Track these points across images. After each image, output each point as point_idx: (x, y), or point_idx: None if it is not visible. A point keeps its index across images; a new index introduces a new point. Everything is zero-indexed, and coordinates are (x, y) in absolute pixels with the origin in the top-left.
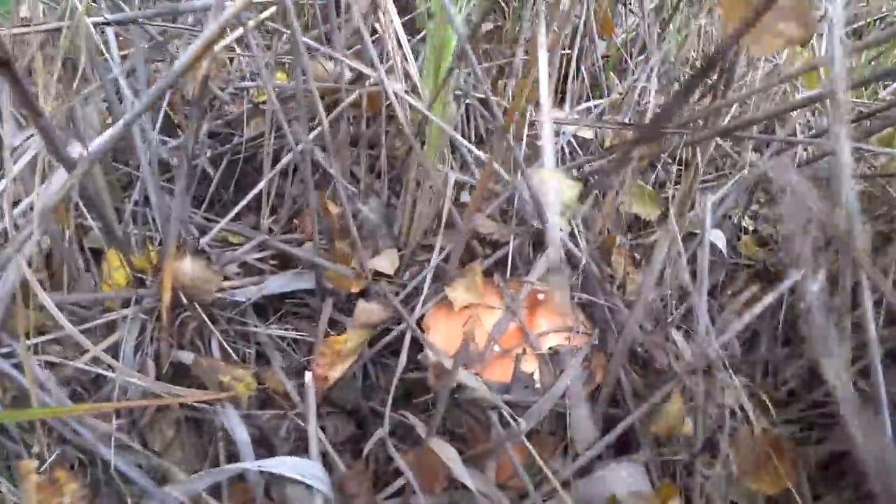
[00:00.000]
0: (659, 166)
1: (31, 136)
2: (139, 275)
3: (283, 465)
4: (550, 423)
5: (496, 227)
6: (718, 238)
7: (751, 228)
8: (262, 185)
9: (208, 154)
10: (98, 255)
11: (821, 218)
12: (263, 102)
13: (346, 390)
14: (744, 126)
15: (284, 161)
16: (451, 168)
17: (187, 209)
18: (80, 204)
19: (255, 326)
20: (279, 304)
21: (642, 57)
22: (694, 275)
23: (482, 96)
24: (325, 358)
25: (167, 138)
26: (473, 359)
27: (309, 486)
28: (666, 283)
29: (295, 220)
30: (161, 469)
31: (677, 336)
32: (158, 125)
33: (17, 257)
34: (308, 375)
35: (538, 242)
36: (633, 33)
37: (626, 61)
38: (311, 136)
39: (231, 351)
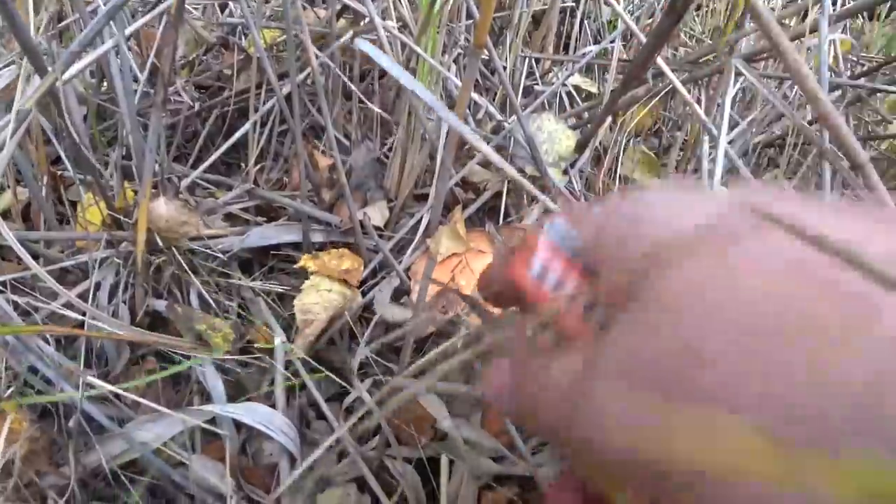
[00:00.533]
0: (665, 130)
1: (6, 66)
2: (115, 215)
3: (247, 411)
4: None
5: (487, 174)
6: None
7: None
8: (247, 126)
9: (196, 108)
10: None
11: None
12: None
13: (332, 346)
14: (757, 54)
15: (270, 104)
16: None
17: (163, 142)
18: (63, 157)
19: (239, 279)
20: (265, 258)
21: (651, 20)
22: None
23: (485, 56)
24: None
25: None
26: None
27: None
28: None
29: (284, 179)
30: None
31: None
32: (145, 76)
33: None
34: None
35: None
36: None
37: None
38: (300, 77)
39: (213, 303)
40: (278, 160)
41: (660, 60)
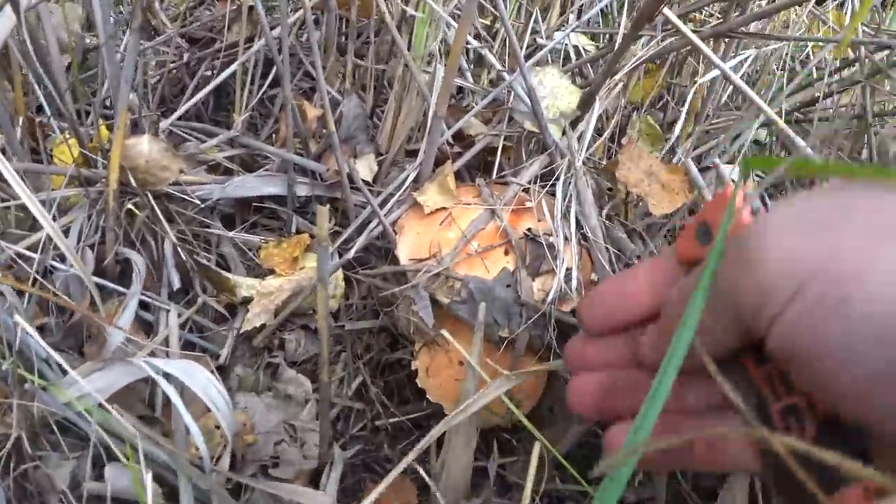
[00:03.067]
0: (672, 103)
1: None
2: (88, 154)
3: (185, 372)
4: (529, 329)
5: (483, 127)
6: (737, 175)
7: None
8: (233, 67)
9: (185, 59)
10: None
11: None
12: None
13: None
14: (751, 20)
15: (258, 44)
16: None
17: (141, 77)
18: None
19: (218, 230)
20: (247, 213)
21: None
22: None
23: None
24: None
25: (145, 42)
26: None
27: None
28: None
29: (273, 137)
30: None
31: None
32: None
33: None
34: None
35: (533, 146)
36: None
37: None
38: (292, 19)
39: (184, 254)
40: (267, 120)
41: (669, 13)
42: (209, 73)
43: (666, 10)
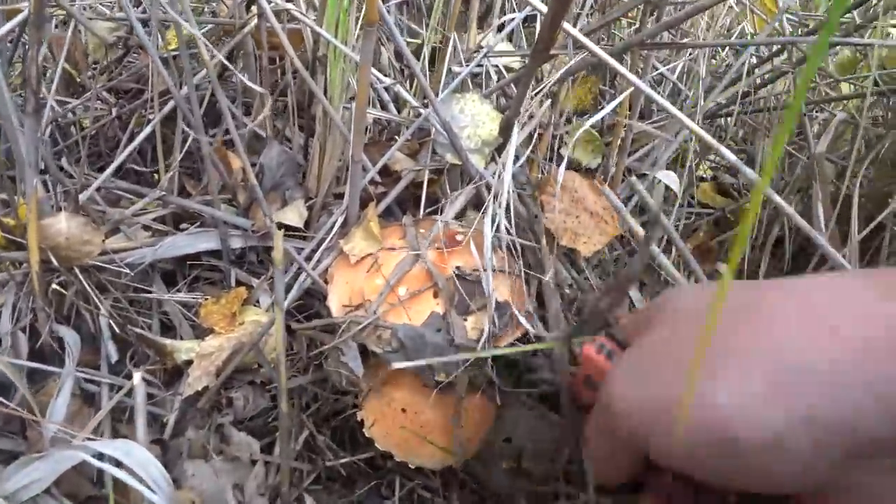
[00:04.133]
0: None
1: None
2: (9, 236)
3: (124, 452)
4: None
5: (410, 162)
6: (671, 179)
7: (710, 176)
8: (147, 131)
9: (114, 113)
10: None
11: None
12: (175, 51)
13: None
14: (661, 30)
15: (168, 107)
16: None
17: (42, 151)
18: None
19: (156, 293)
20: (187, 269)
21: None
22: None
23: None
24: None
25: (69, 99)
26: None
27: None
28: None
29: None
30: None
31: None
32: (55, 84)
33: None
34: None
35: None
36: None
37: None
38: (198, 77)
39: (115, 327)
40: (201, 159)
41: (573, 30)
42: (142, 125)
43: (574, 31)
